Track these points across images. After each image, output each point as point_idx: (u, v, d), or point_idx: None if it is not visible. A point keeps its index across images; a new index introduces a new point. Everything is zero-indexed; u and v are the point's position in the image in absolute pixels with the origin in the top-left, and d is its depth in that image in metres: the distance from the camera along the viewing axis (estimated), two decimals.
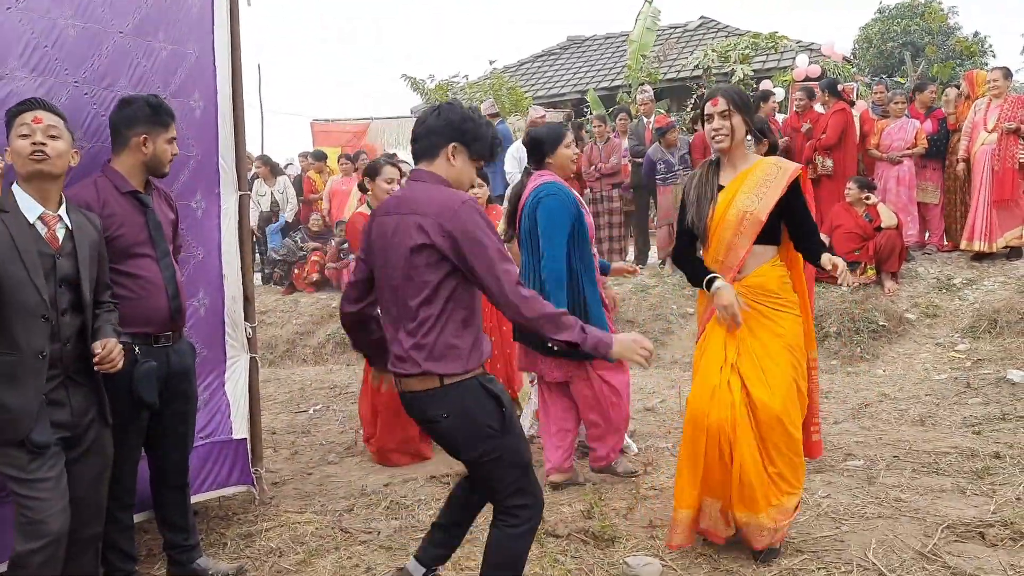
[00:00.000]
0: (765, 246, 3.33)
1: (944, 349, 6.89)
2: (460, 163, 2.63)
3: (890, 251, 7.68)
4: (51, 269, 2.65)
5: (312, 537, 3.81)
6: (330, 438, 5.75)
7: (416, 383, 2.57)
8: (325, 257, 10.36)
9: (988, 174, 7.74)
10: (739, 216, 3.27)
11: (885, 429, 5.19)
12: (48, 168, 2.66)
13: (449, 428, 2.58)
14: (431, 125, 2.63)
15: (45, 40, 3.10)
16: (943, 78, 13.59)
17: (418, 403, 2.60)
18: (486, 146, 2.67)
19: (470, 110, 2.70)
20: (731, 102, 3.27)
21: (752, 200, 3.27)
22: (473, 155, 2.66)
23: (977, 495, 3.95)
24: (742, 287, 3.31)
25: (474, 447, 2.58)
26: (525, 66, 20.44)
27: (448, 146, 2.61)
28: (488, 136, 2.67)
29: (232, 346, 4.01)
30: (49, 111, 2.71)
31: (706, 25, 19.42)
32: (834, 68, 13.38)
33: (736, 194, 3.30)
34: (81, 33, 3.23)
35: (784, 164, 3.36)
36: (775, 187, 3.26)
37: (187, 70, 3.67)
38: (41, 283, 2.61)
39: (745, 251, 3.30)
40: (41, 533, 2.55)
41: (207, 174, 3.83)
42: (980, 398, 5.69)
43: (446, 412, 2.55)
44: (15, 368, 2.57)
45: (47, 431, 2.61)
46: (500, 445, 2.57)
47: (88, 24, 3.26)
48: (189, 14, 3.69)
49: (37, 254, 2.62)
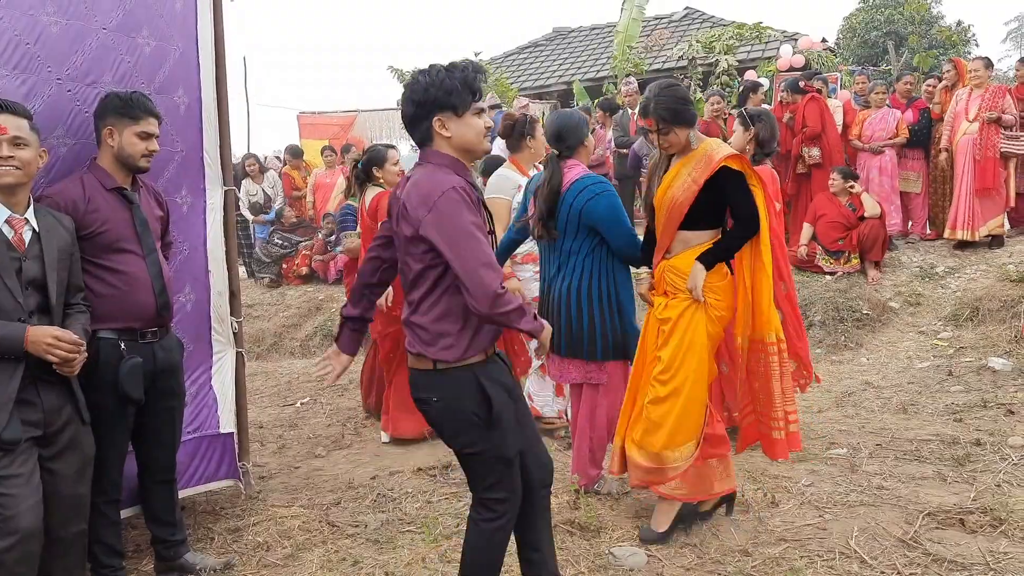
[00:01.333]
0: (695, 232, 3.44)
1: (927, 337, 6.96)
2: (452, 128, 2.49)
3: (873, 240, 7.73)
4: (17, 272, 2.64)
5: (299, 531, 3.82)
6: (317, 431, 5.75)
7: (415, 361, 2.61)
8: (312, 250, 10.33)
9: (970, 164, 7.81)
10: (669, 202, 3.42)
11: (868, 417, 5.25)
12: (15, 180, 2.66)
13: (438, 412, 2.60)
14: (407, 114, 2.56)
15: (27, 37, 3.08)
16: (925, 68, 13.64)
17: (415, 381, 2.63)
18: (461, 92, 2.46)
19: (427, 73, 2.48)
20: (662, 120, 3.35)
21: (680, 188, 3.38)
22: (460, 111, 2.48)
23: (958, 482, 4.01)
24: (667, 265, 3.50)
25: (457, 436, 2.61)
26: (511, 58, 20.37)
27: (433, 122, 2.49)
28: (456, 83, 2.44)
29: (218, 341, 4.01)
30: (13, 113, 2.68)
31: (691, 16, 19.40)
32: (818, 58, 13.42)
33: (672, 180, 3.43)
34: (64, 30, 3.20)
35: (714, 152, 3.38)
36: (697, 177, 3.34)
37: (171, 66, 3.65)
38: (14, 285, 2.61)
39: (670, 236, 3.46)
40: (12, 530, 2.54)
41: (192, 170, 3.82)
42: (962, 386, 5.75)
43: (436, 396, 2.57)
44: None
45: (17, 428, 2.60)
46: (484, 437, 2.57)
47: (71, 21, 3.23)
48: (173, 9, 3.67)
49: (7, 257, 2.62)
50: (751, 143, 4.47)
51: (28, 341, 2.58)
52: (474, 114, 2.52)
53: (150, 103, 3.17)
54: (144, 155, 3.14)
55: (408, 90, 2.53)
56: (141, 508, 3.46)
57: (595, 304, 3.84)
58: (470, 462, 2.65)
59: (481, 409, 2.55)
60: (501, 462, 2.62)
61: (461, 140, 2.52)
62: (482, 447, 2.58)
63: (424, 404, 2.62)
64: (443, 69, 2.47)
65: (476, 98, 2.51)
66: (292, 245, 10.50)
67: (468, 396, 2.55)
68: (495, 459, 2.61)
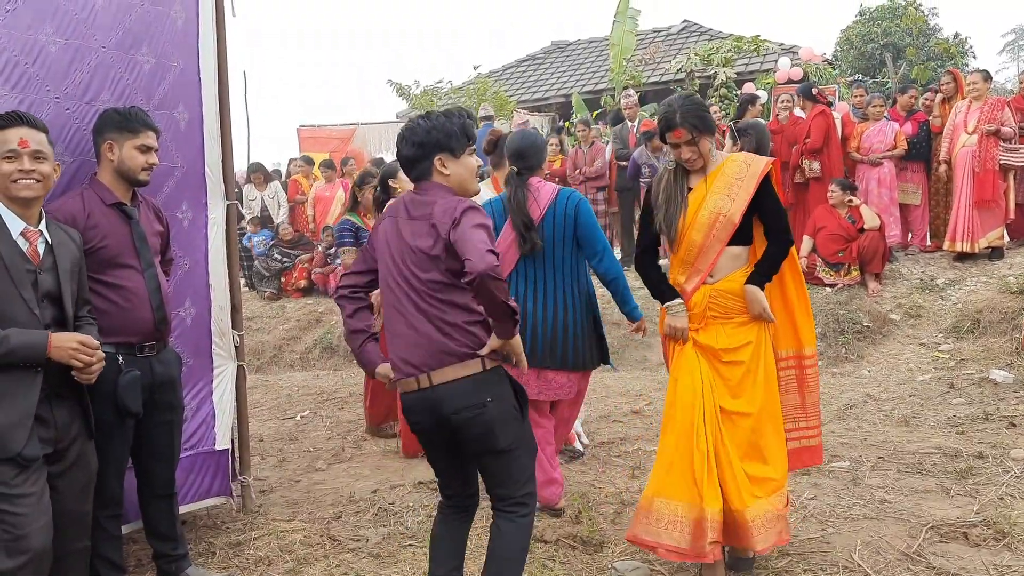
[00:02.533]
0: (739, 247, 3.25)
1: (928, 349, 6.96)
2: (452, 168, 2.68)
3: (873, 252, 7.75)
4: (33, 284, 2.65)
5: (300, 545, 3.81)
6: (317, 445, 5.74)
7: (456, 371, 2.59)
8: (312, 263, 10.33)
9: (969, 176, 7.82)
10: (712, 218, 3.18)
11: (870, 430, 5.24)
12: (35, 194, 2.68)
13: (494, 414, 2.60)
14: (408, 156, 2.70)
15: (26, 57, 3.09)
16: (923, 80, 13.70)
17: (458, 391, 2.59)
18: (460, 136, 2.68)
19: (426, 119, 2.70)
20: (694, 129, 3.16)
21: (725, 201, 3.18)
22: (458, 153, 2.69)
23: (961, 495, 4.00)
24: (713, 290, 3.25)
25: (507, 435, 2.63)
26: (510, 70, 20.47)
27: (433, 162, 2.68)
28: (455, 128, 2.68)
29: (219, 355, 4.00)
30: (33, 127, 2.70)
31: (689, 29, 19.52)
32: (815, 71, 13.48)
33: (707, 195, 3.22)
34: (63, 49, 3.22)
35: (753, 161, 3.27)
36: (747, 186, 3.18)
37: (171, 82, 3.67)
38: (30, 297, 2.62)
39: (717, 253, 3.23)
40: (23, 549, 2.52)
41: (193, 184, 3.82)
42: (963, 398, 5.75)
43: (490, 396, 2.60)
44: (8, 384, 2.56)
45: (36, 445, 2.60)
46: (521, 431, 2.67)
47: (70, 40, 3.25)
48: (174, 27, 3.68)
49: (23, 270, 2.63)
50: None
51: (52, 347, 2.59)
52: (468, 154, 2.73)
53: (148, 117, 3.19)
54: (144, 168, 3.16)
55: (408, 132, 2.71)
56: (143, 524, 3.44)
57: (586, 313, 3.92)
58: (510, 462, 2.67)
59: (517, 401, 2.67)
60: (533, 453, 2.73)
61: (458, 178, 2.71)
62: (520, 441, 2.65)
63: (475, 410, 2.59)
64: (442, 115, 2.70)
65: (471, 142, 2.73)
66: (291, 259, 10.51)
67: (508, 391, 2.66)
68: (530, 451, 2.69)
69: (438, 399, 2.61)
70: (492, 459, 2.69)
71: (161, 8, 3.61)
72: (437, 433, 2.70)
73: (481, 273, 2.39)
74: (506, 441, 2.63)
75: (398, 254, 2.67)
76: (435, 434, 2.72)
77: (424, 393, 2.63)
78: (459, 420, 2.61)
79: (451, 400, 2.60)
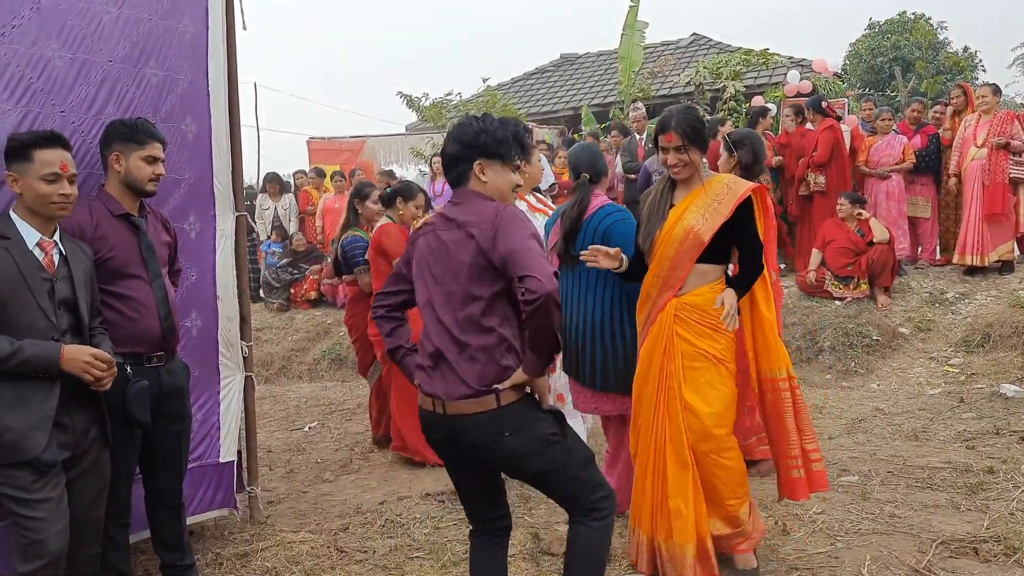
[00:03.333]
0: (709, 265, 3.30)
1: (937, 363, 6.92)
2: (491, 176, 2.59)
3: (882, 266, 7.72)
4: (50, 293, 2.70)
5: (308, 556, 3.81)
6: (325, 456, 5.74)
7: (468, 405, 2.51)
8: (321, 274, 10.36)
9: (979, 189, 7.80)
10: (683, 234, 3.25)
11: (879, 444, 5.21)
12: (68, 213, 2.80)
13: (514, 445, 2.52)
14: (451, 153, 2.62)
15: (31, 72, 3.11)
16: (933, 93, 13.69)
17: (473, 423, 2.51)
18: (511, 145, 2.60)
19: (481, 120, 2.62)
20: (684, 137, 3.23)
21: (699, 220, 3.24)
22: (505, 161, 2.61)
23: (971, 510, 3.97)
24: (679, 303, 3.30)
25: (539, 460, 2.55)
26: (518, 83, 20.52)
27: (474, 166, 2.59)
28: (508, 135, 2.59)
29: (226, 366, 4.01)
30: (68, 149, 2.79)
31: (698, 42, 19.54)
32: (824, 84, 13.47)
33: (684, 212, 3.29)
34: (69, 63, 3.24)
35: (736, 185, 3.31)
36: (723, 209, 3.23)
37: (179, 95, 3.68)
38: (47, 305, 2.68)
39: (685, 270, 3.28)
40: (40, 553, 2.58)
41: (201, 196, 3.84)
42: (974, 412, 5.71)
43: (507, 431, 2.50)
44: (26, 390, 2.62)
45: (54, 450, 2.65)
46: (564, 448, 2.57)
47: (76, 55, 3.27)
48: (183, 40, 3.70)
49: (39, 279, 2.68)
50: (735, 168, 4.49)
51: (64, 359, 2.63)
52: (512, 168, 2.63)
53: (154, 128, 3.21)
54: (151, 179, 3.18)
55: (457, 130, 2.62)
56: (150, 534, 3.45)
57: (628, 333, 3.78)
58: (555, 481, 2.59)
59: (553, 426, 2.56)
60: (588, 462, 2.63)
61: (495, 188, 2.60)
62: (559, 461, 2.56)
63: (492, 443, 2.52)
64: (497, 120, 2.61)
65: (522, 154, 2.65)
66: (301, 271, 10.55)
67: (532, 418, 2.54)
68: (580, 463, 2.60)
69: (454, 427, 2.55)
70: (533, 482, 2.65)
71: (169, 22, 3.64)
72: (454, 451, 2.64)
73: (548, 293, 2.30)
74: (539, 466, 2.55)
75: (437, 268, 2.58)
76: (452, 451, 2.65)
77: (440, 417, 2.57)
78: (478, 450, 2.56)
79: (466, 432, 2.53)
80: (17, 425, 2.58)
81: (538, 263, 2.35)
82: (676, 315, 3.29)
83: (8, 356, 2.55)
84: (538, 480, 2.62)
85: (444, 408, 2.54)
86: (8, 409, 2.59)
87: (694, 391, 3.25)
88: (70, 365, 2.63)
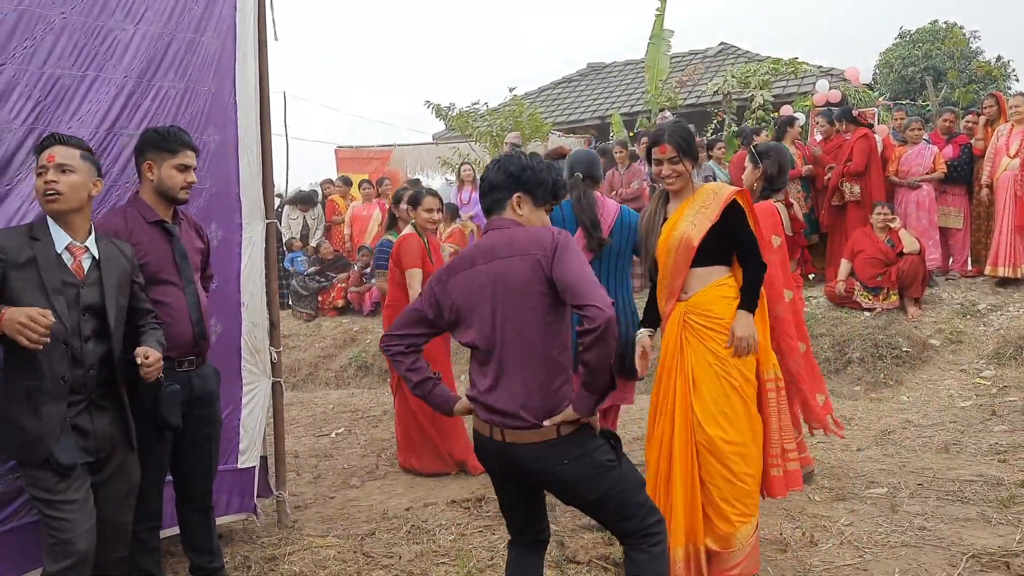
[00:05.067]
0: (709, 268, 3.37)
1: (969, 376, 6.83)
2: (526, 211, 2.66)
3: (912, 276, 7.64)
4: (75, 298, 2.73)
5: (334, 561, 3.84)
6: (352, 462, 5.78)
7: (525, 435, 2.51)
8: (348, 282, 10.44)
9: (1011, 199, 7.69)
10: (677, 242, 3.37)
11: (909, 456, 5.16)
12: (60, 207, 2.75)
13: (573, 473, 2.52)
14: (492, 180, 2.68)
15: (39, 92, 3.13)
16: (965, 103, 13.53)
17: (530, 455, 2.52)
18: (548, 190, 2.70)
19: (529, 158, 2.72)
20: (678, 148, 3.36)
21: (689, 225, 3.35)
22: (538, 202, 2.69)
23: (1003, 524, 3.92)
24: (686, 306, 3.38)
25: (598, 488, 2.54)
26: (545, 92, 20.59)
27: (512, 197, 2.65)
28: (549, 180, 2.69)
29: (251, 372, 4.05)
30: (65, 144, 2.79)
31: (726, 51, 19.49)
32: (854, 94, 13.38)
33: (678, 221, 3.40)
34: (79, 81, 3.26)
35: (721, 190, 3.42)
36: (709, 213, 3.33)
37: (199, 107, 3.72)
38: (63, 311, 2.68)
39: (682, 276, 3.38)
40: (68, 553, 2.62)
41: (224, 205, 3.87)
42: (1006, 425, 5.63)
43: (566, 459, 2.50)
44: (36, 392, 2.66)
45: (74, 453, 2.68)
46: (620, 475, 2.57)
47: (87, 72, 3.28)
48: (206, 52, 3.73)
49: (61, 283, 2.70)
50: (759, 180, 4.51)
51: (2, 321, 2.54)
52: (546, 209, 2.74)
53: (187, 136, 3.25)
54: (183, 187, 3.22)
55: (506, 161, 2.70)
56: (180, 537, 3.49)
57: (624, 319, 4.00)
58: (616, 506, 2.57)
59: (610, 452, 2.57)
60: (642, 487, 2.63)
61: (528, 222, 2.68)
62: (614, 488, 2.55)
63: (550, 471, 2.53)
64: (543, 163, 2.72)
65: (552, 201, 2.75)
66: (328, 280, 10.64)
67: (592, 445, 2.54)
68: (633, 488, 2.59)
69: (511, 455, 2.56)
70: (588, 507, 2.64)
71: (191, 36, 3.65)
72: (507, 473, 2.65)
73: (608, 320, 2.32)
74: (597, 493, 2.55)
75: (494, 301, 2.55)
76: (505, 473, 2.66)
77: (496, 443, 2.57)
78: (534, 476, 2.57)
79: (524, 460, 2.54)
80: (33, 428, 2.64)
81: (598, 292, 2.38)
82: (684, 321, 3.37)
83: None
84: (594, 506, 2.61)
85: (503, 436, 2.54)
86: (25, 414, 2.65)
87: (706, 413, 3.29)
88: (6, 326, 2.54)
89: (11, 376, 2.70)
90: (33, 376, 2.66)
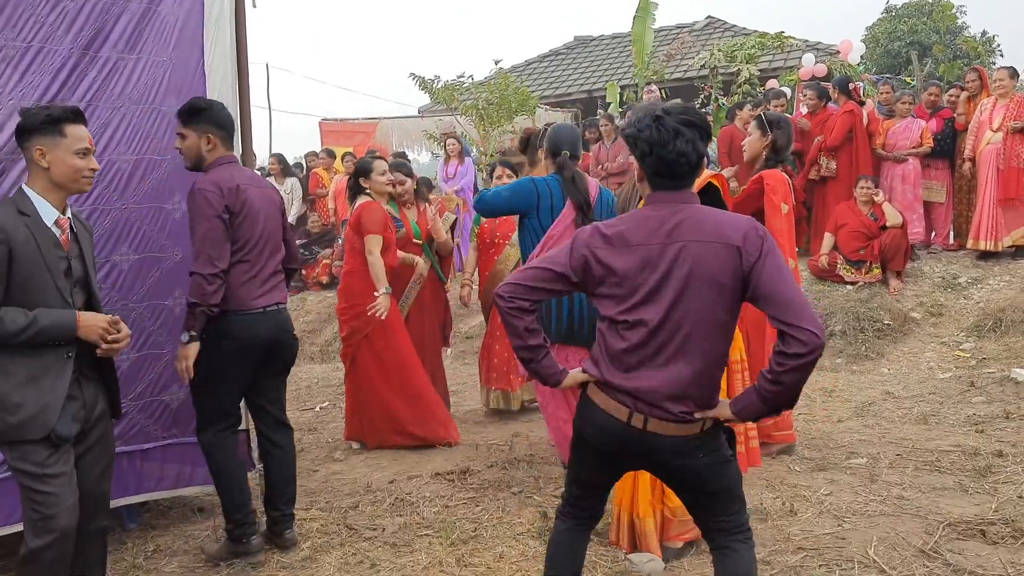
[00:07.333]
0: None
1: (949, 348, 6.90)
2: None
3: (895, 250, 7.68)
4: (67, 271, 2.72)
5: (317, 533, 3.85)
6: (336, 435, 5.78)
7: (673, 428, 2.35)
8: (333, 256, 10.39)
9: (993, 173, 7.73)
10: None
11: (888, 427, 5.21)
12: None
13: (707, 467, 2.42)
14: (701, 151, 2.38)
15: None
16: (949, 78, 13.54)
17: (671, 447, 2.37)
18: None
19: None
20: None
21: None
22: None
23: (979, 493, 3.97)
24: None
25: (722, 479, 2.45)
26: (532, 66, 20.44)
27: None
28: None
29: None
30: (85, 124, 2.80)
31: (713, 25, 19.41)
32: (840, 67, 13.35)
33: None
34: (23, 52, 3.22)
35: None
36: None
37: (154, 77, 3.66)
38: (63, 285, 2.69)
39: None
40: (51, 528, 2.59)
41: (188, 176, 3.82)
42: (984, 397, 5.70)
43: (703, 452, 2.39)
44: (41, 368, 2.63)
45: (69, 423, 2.67)
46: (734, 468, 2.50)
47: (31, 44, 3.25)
48: (164, 22, 3.67)
49: (57, 259, 2.69)
50: (767, 147, 4.47)
51: (80, 326, 2.65)
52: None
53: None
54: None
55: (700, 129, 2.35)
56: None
57: None
58: (729, 498, 2.48)
59: (729, 445, 2.48)
60: (741, 481, 2.53)
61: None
62: (737, 477, 2.49)
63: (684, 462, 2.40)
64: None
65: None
66: (313, 255, 10.58)
67: (722, 439, 2.46)
68: (739, 482, 2.51)
69: (645, 442, 2.38)
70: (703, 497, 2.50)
71: (145, 5, 3.60)
72: (624, 459, 2.51)
73: (821, 348, 2.15)
74: (719, 484, 2.44)
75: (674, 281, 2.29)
76: (620, 459, 2.52)
77: (634, 429, 2.37)
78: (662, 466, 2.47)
79: (663, 450, 2.39)
80: (31, 401, 2.59)
81: (813, 314, 2.18)
82: None
83: (25, 327, 2.55)
84: (710, 497, 2.47)
85: (645, 424, 2.34)
86: (22, 386, 2.59)
87: None
88: (87, 332, 2.65)
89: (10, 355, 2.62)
90: (39, 352, 2.63)
